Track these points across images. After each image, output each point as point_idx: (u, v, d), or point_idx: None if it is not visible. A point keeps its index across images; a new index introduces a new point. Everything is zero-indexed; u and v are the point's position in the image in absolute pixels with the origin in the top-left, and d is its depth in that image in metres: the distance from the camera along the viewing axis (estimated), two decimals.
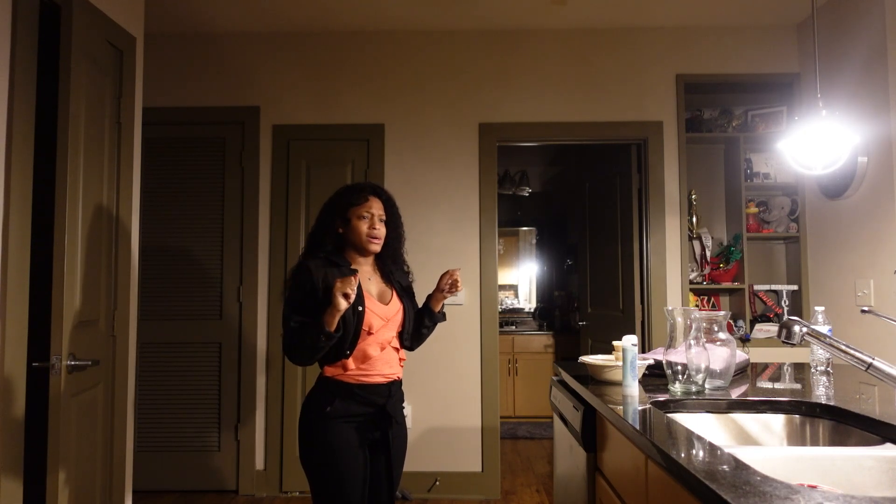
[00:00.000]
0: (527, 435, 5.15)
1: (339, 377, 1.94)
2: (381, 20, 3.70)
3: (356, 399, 1.93)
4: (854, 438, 1.47)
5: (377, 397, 1.96)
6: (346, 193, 2.05)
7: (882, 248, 3.01)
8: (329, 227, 2.01)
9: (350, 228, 2.00)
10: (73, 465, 2.10)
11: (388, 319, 1.99)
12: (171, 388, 3.71)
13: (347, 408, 1.92)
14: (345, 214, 2.01)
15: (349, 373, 1.93)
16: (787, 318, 1.54)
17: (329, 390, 1.94)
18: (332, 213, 2.02)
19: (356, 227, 1.99)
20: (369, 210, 2.01)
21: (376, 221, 2.01)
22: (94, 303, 2.25)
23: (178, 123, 3.80)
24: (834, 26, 3.36)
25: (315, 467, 1.92)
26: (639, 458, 1.33)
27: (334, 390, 1.93)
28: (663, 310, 2.73)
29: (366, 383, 1.95)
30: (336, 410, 1.91)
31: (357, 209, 2.00)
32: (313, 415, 1.93)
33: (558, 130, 3.79)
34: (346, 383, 1.93)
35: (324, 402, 1.92)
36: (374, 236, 2.00)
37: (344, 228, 2.01)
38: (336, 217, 2.02)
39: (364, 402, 1.94)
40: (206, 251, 3.77)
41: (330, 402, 1.91)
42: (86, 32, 2.16)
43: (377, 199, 2.05)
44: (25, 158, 2.01)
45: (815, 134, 2.28)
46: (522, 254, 6.61)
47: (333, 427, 1.91)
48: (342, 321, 1.85)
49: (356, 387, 1.94)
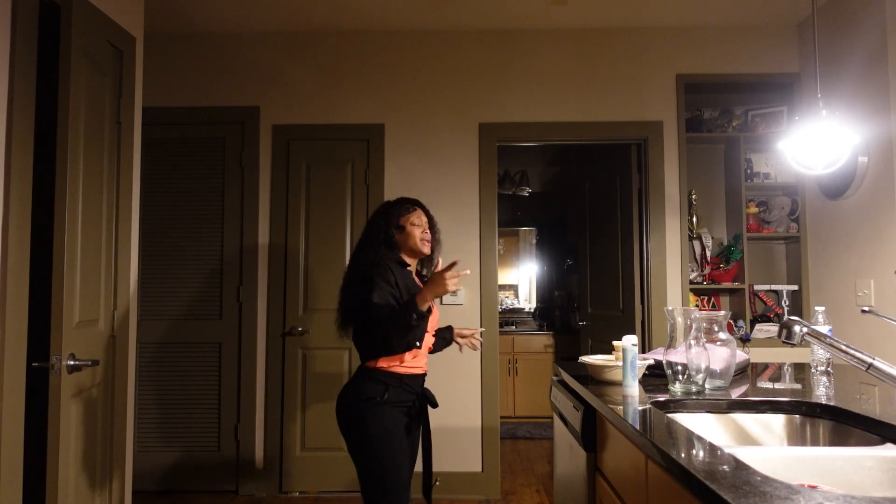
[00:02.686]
0: (527, 435, 5.15)
1: (392, 368, 2.20)
2: (381, 20, 3.70)
3: (405, 388, 2.21)
4: (854, 438, 1.47)
5: (418, 386, 2.28)
6: (396, 205, 2.38)
7: (882, 248, 3.01)
8: (386, 232, 2.30)
9: (405, 234, 2.32)
10: (73, 465, 2.10)
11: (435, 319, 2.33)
12: (171, 388, 3.71)
13: (398, 396, 2.20)
14: (398, 222, 2.33)
15: (404, 364, 2.21)
16: (788, 318, 1.53)
17: (380, 380, 2.19)
18: (387, 221, 2.32)
19: (411, 232, 2.32)
20: (419, 218, 2.35)
21: (426, 228, 2.35)
22: (94, 303, 2.25)
23: (178, 123, 3.80)
24: (834, 26, 3.36)
25: (373, 451, 2.13)
26: (639, 458, 1.33)
27: (387, 380, 2.19)
28: (663, 310, 2.73)
29: (413, 374, 2.25)
30: (391, 398, 2.17)
31: (409, 217, 2.33)
32: (367, 403, 2.15)
33: (558, 130, 3.79)
34: (397, 374, 2.20)
35: (378, 391, 2.16)
36: (426, 239, 2.34)
37: (399, 234, 2.32)
38: (391, 225, 2.32)
39: (410, 390, 2.23)
40: (206, 251, 3.77)
41: (384, 391, 2.17)
42: (86, 32, 2.16)
43: (422, 211, 2.39)
44: (25, 158, 2.00)
45: (816, 134, 2.28)
46: (522, 254, 6.61)
47: (388, 413, 2.17)
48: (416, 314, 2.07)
49: (405, 377, 2.22)
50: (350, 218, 3.78)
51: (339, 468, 3.64)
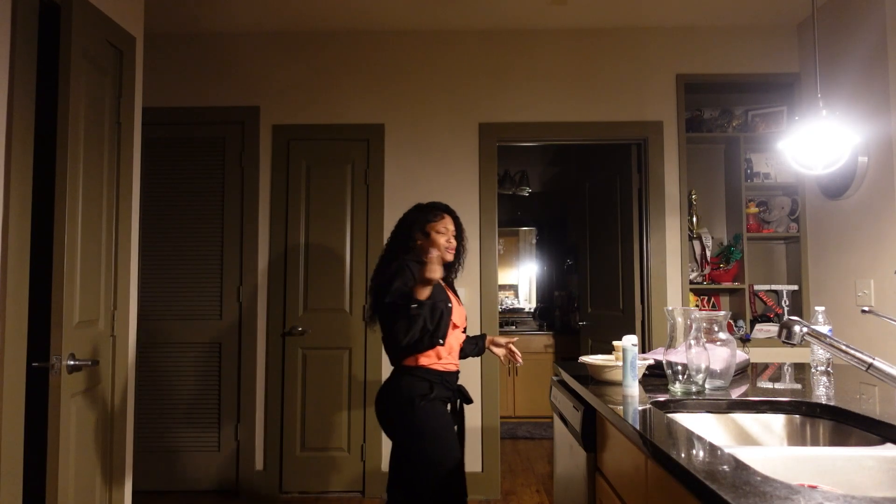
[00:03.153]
0: (527, 435, 5.14)
1: (432, 366, 2.27)
2: (381, 20, 3.70)
3: (445, 384, 2.28)
4: (854, 438, 1.47)
5: (454, 383, 2.36)
6: (425, 210, 2.43)
7: (882, 248, 3.01)
8: (412, 237, 2.37)
9: (429, 241, 2.37)
10: (73, 465, 2.10)
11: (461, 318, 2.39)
12: (171, 388, 3.71)
13: (442, 392, 2.27)
14: (424, 228, 2.38)
15: (441, 362, 2.29)
16: (788, 318, 1.53)
17: (423, 377, 2.25)
18: (414, 227, 2.39)
19: (435, 239, 2.37)
20: (446, 226, 2.40)
21: (451, 236, 2.41)
22: (94, 303, 2.25)
23: (178, 123, 3.80)
24: (834, 26, 3.36)
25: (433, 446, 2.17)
26: (639, 458, 1.33)
27: (429, 377, 2.25)
28: (663, 310, 2.73)
29: (450, 371, 2.33)
30: (437, 394, 2.24)
31: (435, 224, 2.39)
32: (418, 400, 2.20)
33: (558, 130, 3.79)
34: (438, 371, 2.27)
35: (425, 388, 2.23)
36: (450, 248, 2.40)
37: (423, 240, 2.37)
38: (417, 230, 2.38)
39: (449, 387, 2.31)
40: (206, 251, 3.77)
41: (430, 387, 2.23)
42: (85, 32, 2.16)
43: (450, 217, 2.44)
44: (25, 158, 2.00)
45: (816, 134, 2.28)
46: (522, 254, 6.61)
47: (436, 409, 2.24)
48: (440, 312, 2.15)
49: (445, 374, 2.29)
50: (350, 218, 3.78)
51: (340, 468, 3.64)
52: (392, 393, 2.27)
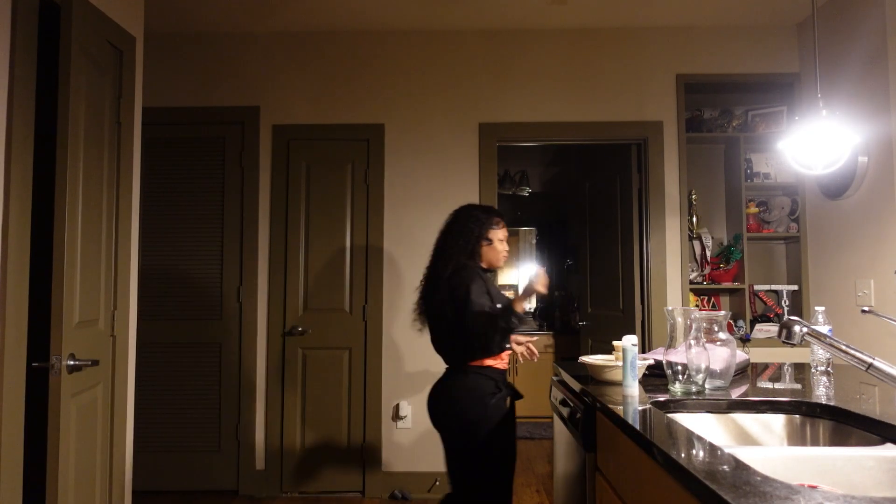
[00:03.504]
0: (527, 435, 5.14)
1: (496, 366, 2.37)
2: (381, 20, 3.70)
3: (504, 382, 2.39)
4: (854, 438, 1.47)
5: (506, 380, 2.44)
6: (486, 214, 2.46)
7: (882, 248, 3.01)
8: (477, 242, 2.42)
9: (492, 248, 2.45)
10: (73, 465, 2.10)
11: None
12: (171, 388, 3.71)
13: (505, 390, 2.37)
14: (487, 235, 2.43)
15: (503, 362, 2.40)
16: (788, 318, 1.53)
17: (489, 376, 2.34)
18: (478, 232, 2.42)
19: (497, 248, 2.45)
20: (506, 235, 2.49)
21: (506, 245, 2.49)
22: (94, 303, 2.25)
23: (178, 123, 3.80)
24: (834, 26, 3.36)
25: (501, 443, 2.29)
26: (639, 458, 1.33)
27: (495, 377, 2.36)
28: (663, 310, 2.74)
29: (505, 369, 2.43)
30: (503, 392, 2.35)
31: (498, 232, 2.46)
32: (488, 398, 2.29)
33: (558, 130, 3.79)
34: (500, 370, 2.39)
35: (491, 386, 2.32)
36: (506, 257, 2.50)
37: (487, 246, 2.44)
38: (482, 236, 2.42)
39: (506, 384, 2.41)
40: (206, 251, 3.77)
41: (497, 387, 2.34)
42: (85, 32, 2.16)
43: (505, 225, 2.51)
44: (25, 158, 2.01)
45: (816, 134, 2.28)
46: (522, 254, 6.60)
47: (501, 405, 2.33)
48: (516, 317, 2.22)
49: (503, 372, 2.41)
50: (350, 218, 3.77)
51: (340, 468, 3.64)
52: (459, 391, 2.34)
